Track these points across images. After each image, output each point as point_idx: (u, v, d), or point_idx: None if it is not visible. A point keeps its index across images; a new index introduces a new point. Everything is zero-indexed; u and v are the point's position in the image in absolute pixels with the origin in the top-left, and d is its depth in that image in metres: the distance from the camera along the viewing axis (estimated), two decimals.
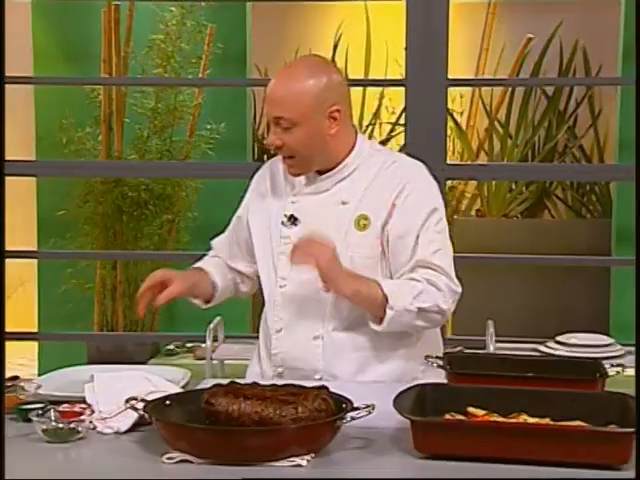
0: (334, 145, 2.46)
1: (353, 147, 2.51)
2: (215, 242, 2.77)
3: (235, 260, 2.69)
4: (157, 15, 4.79)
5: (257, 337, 4.05)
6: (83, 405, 2.04)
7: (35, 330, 5.18)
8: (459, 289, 2.45)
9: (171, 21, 4.76)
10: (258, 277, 2.64)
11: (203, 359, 3.92)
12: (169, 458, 1.84)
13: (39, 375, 5.05)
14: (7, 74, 4.80)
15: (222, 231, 2.79)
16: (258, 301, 5.41)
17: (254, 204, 2.63)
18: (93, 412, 2.02)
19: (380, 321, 2.38)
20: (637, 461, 1.73)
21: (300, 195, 2.53)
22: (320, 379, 2.42)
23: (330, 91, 2.42)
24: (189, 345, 4.98)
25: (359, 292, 2.37)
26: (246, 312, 5.07)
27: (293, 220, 2.51)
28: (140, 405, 1.95)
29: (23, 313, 6.37)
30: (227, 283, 2.70)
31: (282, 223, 2.52)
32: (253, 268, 2.66)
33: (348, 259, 2.41)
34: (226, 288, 2.69)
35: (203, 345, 3.91)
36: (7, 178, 5.84)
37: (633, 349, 3.96)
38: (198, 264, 2.70)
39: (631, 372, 2.40)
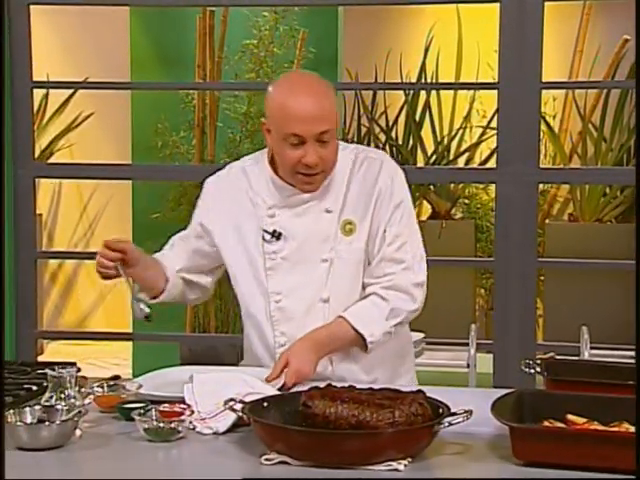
0: None
1: None
2: (175, 244, 2.68)
3: (190, 271, 2.62)
4: (250, 20, 4.85)
5: None
6: (183, 405, 2.08)
7: (130, 331, 5.28)
8: (422, 278, 2.49)
9: (264, 26, 4.82)
10: (211, 286, 2.67)
11: None
12: (267, 459, 1.85)
13: (134, 375, 5.17)
14: (106, 80, 4.94)
15: None
16: None
17: (219, 221, 2.56)
18: (193, 412, 2.05)
19: (364, 349, 2.45)
20: (637, 461, 1.70)
21: (277, 209, 2.49)
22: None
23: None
24: None
25: (333, 350, 2.44)
26: None
27: (277, 235, 2.48)
28: (238, 406, 1.97)
29: (118, 314, 6.52)
30: (177, 282, 2.61)
31: (263, 238, 2.49)
32: (210, 278, 2.65)
33: (341, 267, 2.46)
34: (174, 288, 2.59)
35: None
36: (105, 181, 5.97)
37: None
38: (155, 255, 2.62)
39: None
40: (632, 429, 1.89)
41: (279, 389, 2.26)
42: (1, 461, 1.70)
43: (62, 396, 2.04)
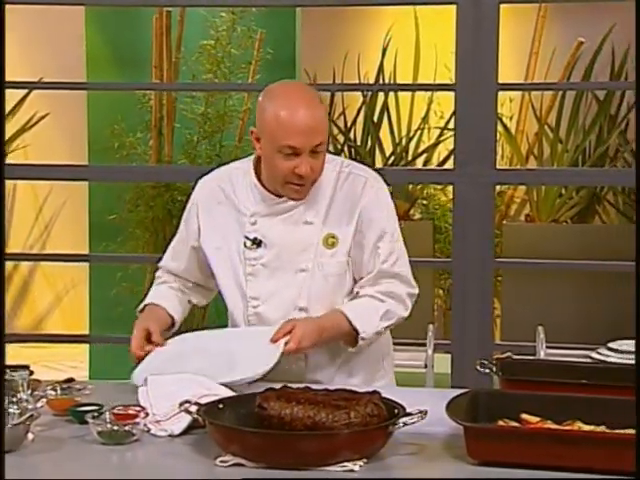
0: None
1: None
2: (167, 268, 2.69)
3: (192, 274, 2.66)
4: (207, 21, 4.83)
5: None
6: (137, 408, 2.06)
7: (86, 332, 5.24)
8: (416, 290, 2.57)
9: (221, 27, 4.80)
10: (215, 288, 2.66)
11: None
12: (222, 461, 1.85)
13: (90, 378, 5.12)
14: (61, 80, 4.89)
15: None
16: None
17: (206, 226, 2.58)
18: (147, 415, 2.03)
19: (352, 344, 2.48)
20: (637, 461, 1.71)
21: (259, 216, 2.51)
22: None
23: None
24: None
25: (330, 339, 2.45)
26: None
27: (258, 242, 2.50)
28: (194, 408, 1.96)
29: (75, 316, 6.47)
30: (183, 308, 2.66)
31: (245, 245, 2.51)
32: (212, 282, 2.65)
33: (321, 278, 2.48)
34: (182, 314, 2.65)
35: None
36: (61, 182, 5.90)
37: None
38: (151, 299, 2.63)
39: None
40: (585, 427, 1.91)
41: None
42: (1, 461, 1.68)
43: (14, 400, 2.02)
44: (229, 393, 2.17)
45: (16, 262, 7.04)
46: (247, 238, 2.52)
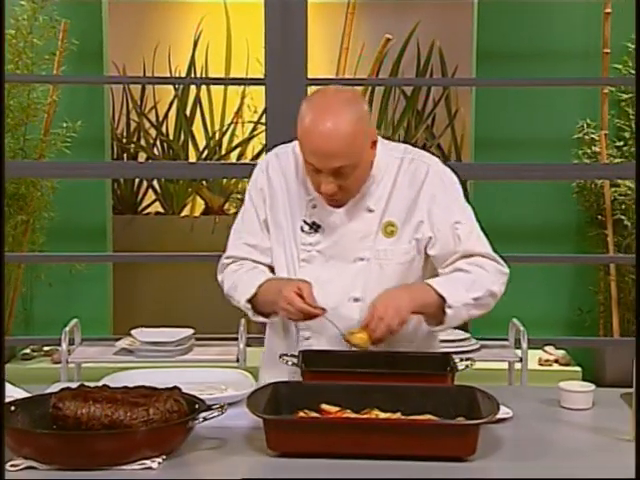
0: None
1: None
2: (242, 252, 2.50)
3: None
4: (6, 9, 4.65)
5: (115, 339, 3.99)
6: None
7: None
8: (506, 269, 2.40)
9: (22, 16, 4.62)
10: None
11: (60, 363, 3.84)
12: (13, 465, 1.78)
13: None
14: None
15: (73, 231, 2.68)
16: (119, 302, 5.34)
17: (272, 205, 2.45)
18: None
19: (439, 321, 2.33)
20: (637, 461, 1.72)
21: (319, 200, 2.38)
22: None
23: (368, 121, 2.31)
24: (46, 349, 4.86)
25: (423, 306, 2.30)
26: (104, 314, 4.98)
27: (316, 227, 2.40)
28: None
29: None
30: None
31: (302, 229, 2.41)
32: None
33: (377, 267, 2.37)
34: None
35: (59, 348, 3.82)
36: None
37: (488, 343, 4.08)
38: (264, 276, 2.43)
39: (481, 365, 2.46)
40: (382, 415, 1.95)
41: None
42: (1, 461, 1.58)
43: None
44: (24, 395, 2.09)
45: None
46: (305, 222, 2.40)
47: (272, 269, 2.47)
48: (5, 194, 4.67)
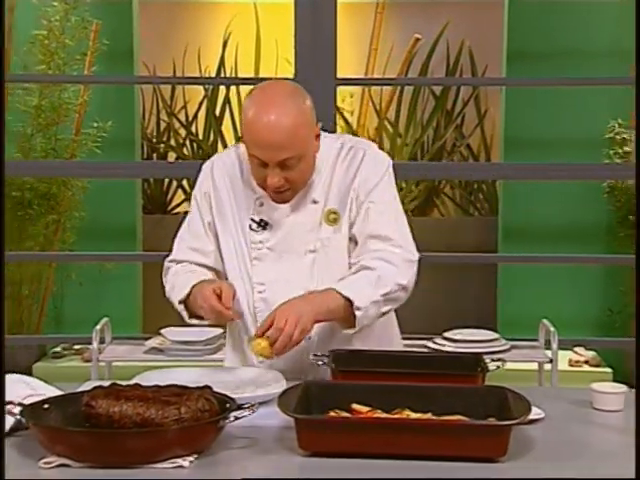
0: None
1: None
2: (184, 255, 2.53)
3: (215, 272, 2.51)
4: (39, 10, 4.69)
5: (145, 338, 4.01)
6: None
7: None
8: (414, 256, 2.40)
9: (54, 17, 4.66)
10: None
11: (91, 361, 3.86)
12: (46, 462, 1.79)
13: None
14: None
15: (103, 230, 2.68)
16: (149, 301, 5.36)
17: (219, 207, 2.48)
18: None
19: (350, 324, 2.31)
20: (637, 461, 1.72)
21: (265, 198, 2.41)
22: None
23: (311, 113, 2.32)
24: (77, 347, 4.90)
25: (328, 313, 2.28)
26: (135, 312, 5.01)
27: (264, 225, 2.42)
28: (17, 409, 1.89)
29: None
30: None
31: (250, 228, 2.43)
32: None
33: (328, 257, 2.39)
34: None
35: (90, 347, 3.85)
36: None
37: (518, 343, 4.07)
38: (197, 278, 2.42)
39: (511, 366, 2.45)
40: (413, 415, 1.94)
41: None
42: (1, 461, 1.61)
43: None
44: (56, 393, 2.11)
45: None
46: (253, 220, 2.42)
47: (217, 272, 2.49)
48: (7, 194, 4.73)
